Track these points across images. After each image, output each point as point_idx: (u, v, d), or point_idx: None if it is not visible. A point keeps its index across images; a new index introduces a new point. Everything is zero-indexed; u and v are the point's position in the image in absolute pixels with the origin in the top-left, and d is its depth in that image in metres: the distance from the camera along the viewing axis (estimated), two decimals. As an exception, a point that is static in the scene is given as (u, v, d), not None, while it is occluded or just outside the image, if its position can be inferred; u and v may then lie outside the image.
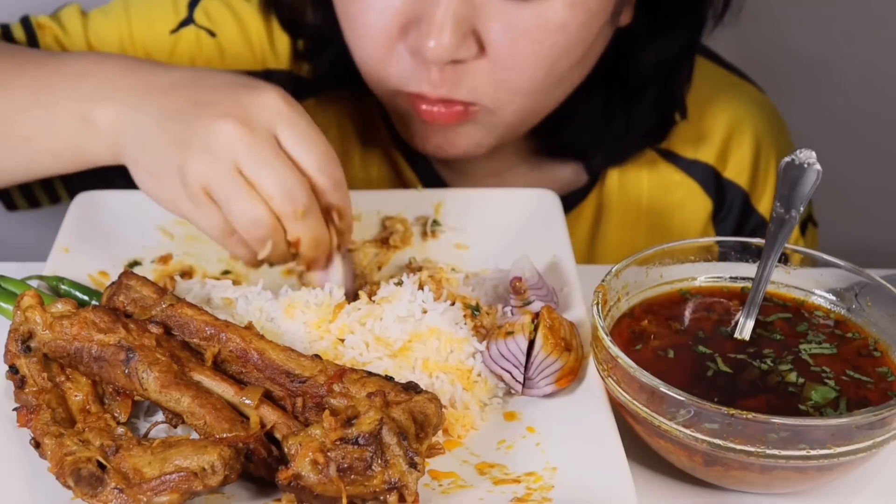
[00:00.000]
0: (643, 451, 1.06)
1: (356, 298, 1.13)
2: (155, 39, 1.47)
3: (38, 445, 0.97)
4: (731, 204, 1.59)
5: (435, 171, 1.54)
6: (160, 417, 1.03)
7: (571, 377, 1.08)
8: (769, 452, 0.95)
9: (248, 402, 0.99)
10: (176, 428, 1.01)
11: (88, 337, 1.02)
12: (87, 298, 1.17)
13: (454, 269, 1.24)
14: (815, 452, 0.95)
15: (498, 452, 1.03)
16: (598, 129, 1.48)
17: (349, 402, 0.98)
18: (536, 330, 1.08)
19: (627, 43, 1.41)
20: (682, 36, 1.44)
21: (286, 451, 0.93)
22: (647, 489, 1.03)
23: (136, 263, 1.26)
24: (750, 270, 1.14)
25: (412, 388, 0.99)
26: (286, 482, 0.92)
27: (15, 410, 1.01)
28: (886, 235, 2.17)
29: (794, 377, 1.04)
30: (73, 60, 1.27)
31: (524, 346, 1.08)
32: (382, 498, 0.92)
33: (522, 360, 1.08)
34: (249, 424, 0.98)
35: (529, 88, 1.32)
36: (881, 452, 1.01)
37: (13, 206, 1.50)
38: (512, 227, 1.31)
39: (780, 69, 2.01)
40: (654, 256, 1.14)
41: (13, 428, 1.01)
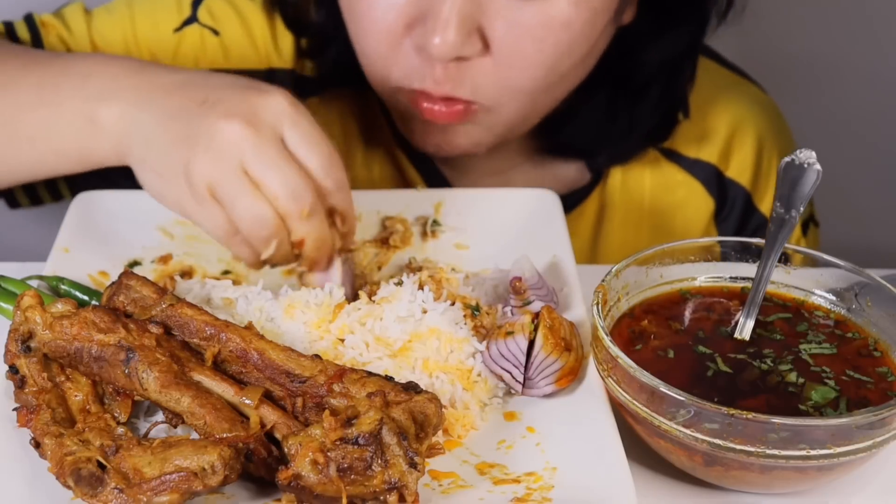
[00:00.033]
0: (643, 451, 1.06)
1: (356, 299, 1.14)
2: (158, 38, 1.47)
3: (38, 445, 0.97)
4: (733, 203, 1.59)
5: (437, 169, 1.54)
6: (160, 417, 1.03)
7: (571, 377, 1.08)
8: (769, 452, 0.95)
9: (248, 402, 0.99)
10: (176, 428, 1.01)
11: (88, 337, 1.02)
12: (87, 298, 1.17)
13: (454, 269, 1.24)
14: (815, 452, 0.95)
15: (498, 452, 1.03)
16: (601, 128, 1.48)
17: (349, 402, 0.98)
18: (536, 330, 1.08)
19: (630, 41, 1.41)
20: (685, 35, 1.44)
21: (286, 451, 0.93)
22: (647, 489, 1.03)
23: (136, 263, 1.26)
24: (750, 270, 1.14)
25: (412, 388, 0.99)
26: (286, 482, 0.92)
27: (15, 410, 1.01)
28: (886, 235, 2.16)
29: (794, 377, 1.04)
30: (77, 61, 1.27)
31: (524, 346, 1.08)
32: (382, 498, 0.92)
33: (522, 360, 1.08)
34: (249, 424, 0.98)
35: (532, 87, 1.32)
36: (881, 452, 1.01)
37: (16, 203, 1.50)
38: (512, 227, 1.31)
39: (780, 69, 2.01)
40: (654, 256, 1.14)
41: (13, 428, 1.01)
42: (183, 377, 1.00)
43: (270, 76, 1.48)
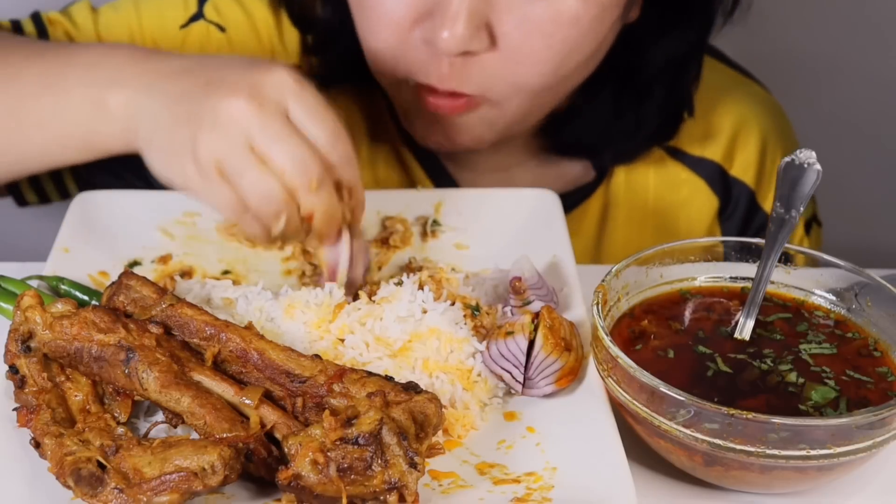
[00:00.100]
0: (643, 451, 1.06)
1: (356, 298, 1.14)
2: (164, 34, 1.47)
3: (38, 445, 0.97)
4: (737, 202, 1.59)
5: (442, 166, 1.54)
6: (160, 417, 1.03)
7: (571, 377, 1.08)
8: (769, 452, 0.95)
9: (248, 402, 0.99)
10: (176, 428, 1.01)
11: (88, 337, 1.02)
12: (87, 298, 1.17)
13: (454, 269, 1.24)
14: (815, 452, 0.95)
15: (498, 452, 1.03)
16: (606, 126, 1.48)
17: (349, 402, 0.98)
18: (536, 330, 1.08)
19: (635, 39, 1.41)
20: (691, 33, 1.44)
21: (286, 451, 0.93)
22: (647, 489, 1.03)
23: (136, 263, 1.26)
24: (750, 270, 1.14)
25: (412, 388, 0.99)
26: (286, 482, 0.92)
27: (15, 410, 1.01)
28: (887, 235, 2.16)
29: (794, 377, 1.04)
30: (83, 50, 1.28)
31: (524, 346, 1.08)
32: (382, 498, 0.92)
33: (522, 360, 1.08)
34: (249, 424, 0.98)
35: (539, 83, 1.32)
36: (881, 452, 1.01)
37: (24, 201, 1.51)
38: (512, 227, 1.31)
39: (781, 69, 2.00)
40: (654, 256, 1.14)
41: (13, 428, 1.01)
42: (183, 377, 1.00)
43: None
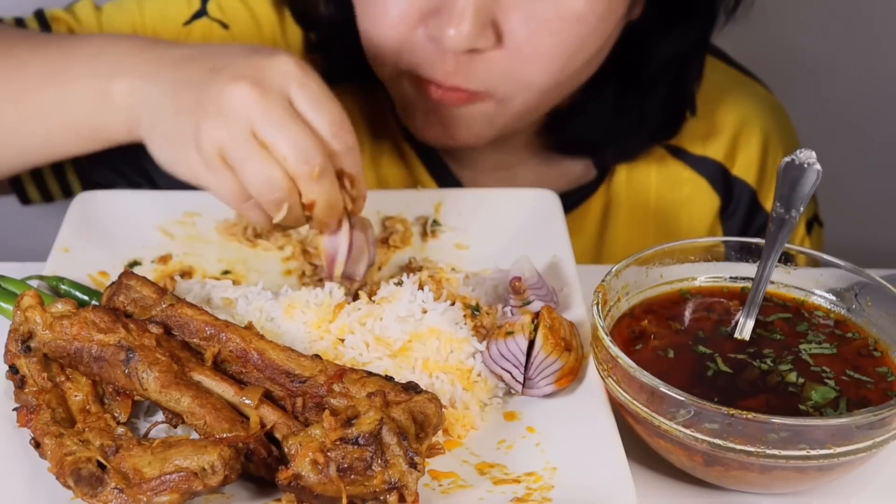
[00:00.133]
0: (643, 451, 1.06)
1: (356, 298, 1.14)
2: (168, 31, 1.47)
3: (38, 445, 0.97)
4: (738, 201, 1.59)
5: (445, 164, 1.54)
6: (160, 417, 1.03)
7: (571, 377, 1.08)
8: (769, 452, 0.95)
9: (248, 402, 0.99)
10: (176, 428, 1.01)
11: (88, 337, 1.02)
12: (87, 298, 1.17)
13: (454, 269, 1.24)
14: (815, 452, 0.95)
15: (498, 452, 1.03)
16: (609, 124, 1.49)
17: (349, 402, 0.98)
18: (536, 330, 1.08)
19: (638, 37, 1.41)
20: (693, 31, 1.44)
21: (286, 451, 0.93)
22: (647, 489, 1.03)
23: (136, 263, 1.26)
24: (750, 270, 1.14)
25: (412, 388, 0.99)
26: (286, 482, 0.92)
27: (15, 410, 1.01)
28: (887, 235, 2.17)
29: (794, 377, 1.04)
30: (86, 41, 1.28)
31: (524, 346, 1.08)
32: (382, 498, 0.92)
33: (522, 360, 1.08)
34: (249, 424, 0.98)
35: (546, 81, 1.32)
36: (881, 452, 1.01)
37: (27, 199, 1.51)
38: (512, 227, 1.31)
39: (781, 69, 2.00)
40: (654, 256, 1.14)
41: (13, 428, 1.01)
42: (183, 377, 1.00)
43: None
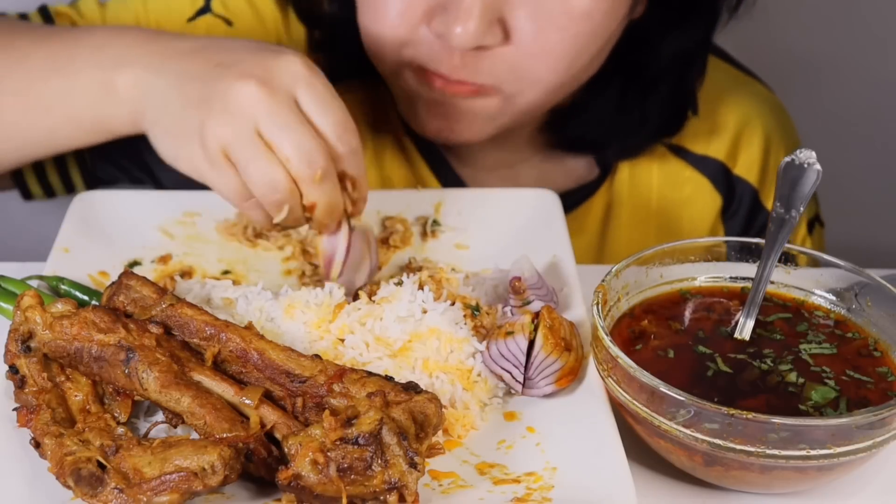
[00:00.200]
0: (643, 451, 1.06)
1: (356, 298, 1.14)
2: (171, 28, 1.47)
3: (38, 445, 0.97)
4: (740, 200, 1.59)
5: (447, 163, 1.54)
6: (160, 417, 1.03)
7: (571, 377, 1.08)
8: (769, 452, 0.95)
9: (248, 402, 0.99)
10: (176, 428, 1.01)
11: (88, 337, 1.02)
12: (87, 298, 1.17)
13: (454, 269, 1.24)
14: (815, 452, 0.95)
15: (498, 452, 1.03)
16: (611, 121, 1.49)
17: (349, 402, 0.98)
18: (536, 330, 1.08)
19: (641, 35, 1.41)
20: (696, 29, 1.44)
21: (286, 451, 0.93)
22: (647, 489, 1.03)
23: (136, 263, 1.26)
24: (750, 270, 1.14)
25: (412, 388, 0.99)
26: (286, 482, 0.92)
27: (15, 410, 1.01)
28: (887, 235, 2.17)
29: (794, 377, 1.04)
30: (91, 33, 1.28)
31: (524, 346, 1.08)
32: (382, 498, 0.92)
33: (522, 360, 1.08)
34: (249, 424, 0.98)
35: (553, 78, 1.32)
36: (881, 452, 1.01)
37: (29, 195, 1.51)
38: (512, 227, 1.31)
39: (781, 69, 2.00)
40: (654, 256, 1.14)
41: (13, 428, 1.01)
42: (183, 377, 1.00)
43: None
